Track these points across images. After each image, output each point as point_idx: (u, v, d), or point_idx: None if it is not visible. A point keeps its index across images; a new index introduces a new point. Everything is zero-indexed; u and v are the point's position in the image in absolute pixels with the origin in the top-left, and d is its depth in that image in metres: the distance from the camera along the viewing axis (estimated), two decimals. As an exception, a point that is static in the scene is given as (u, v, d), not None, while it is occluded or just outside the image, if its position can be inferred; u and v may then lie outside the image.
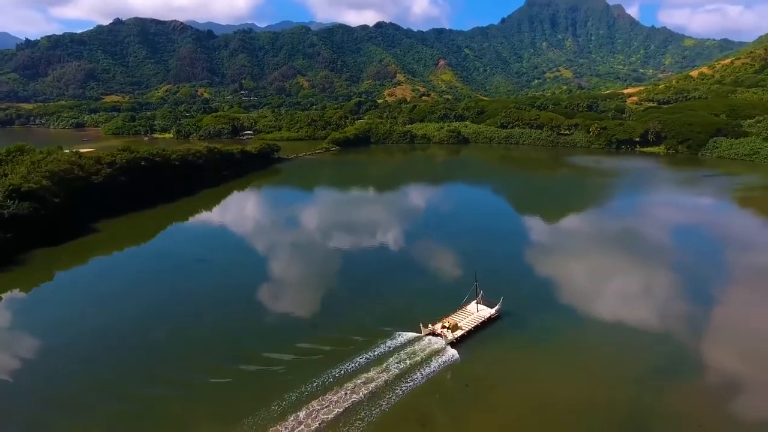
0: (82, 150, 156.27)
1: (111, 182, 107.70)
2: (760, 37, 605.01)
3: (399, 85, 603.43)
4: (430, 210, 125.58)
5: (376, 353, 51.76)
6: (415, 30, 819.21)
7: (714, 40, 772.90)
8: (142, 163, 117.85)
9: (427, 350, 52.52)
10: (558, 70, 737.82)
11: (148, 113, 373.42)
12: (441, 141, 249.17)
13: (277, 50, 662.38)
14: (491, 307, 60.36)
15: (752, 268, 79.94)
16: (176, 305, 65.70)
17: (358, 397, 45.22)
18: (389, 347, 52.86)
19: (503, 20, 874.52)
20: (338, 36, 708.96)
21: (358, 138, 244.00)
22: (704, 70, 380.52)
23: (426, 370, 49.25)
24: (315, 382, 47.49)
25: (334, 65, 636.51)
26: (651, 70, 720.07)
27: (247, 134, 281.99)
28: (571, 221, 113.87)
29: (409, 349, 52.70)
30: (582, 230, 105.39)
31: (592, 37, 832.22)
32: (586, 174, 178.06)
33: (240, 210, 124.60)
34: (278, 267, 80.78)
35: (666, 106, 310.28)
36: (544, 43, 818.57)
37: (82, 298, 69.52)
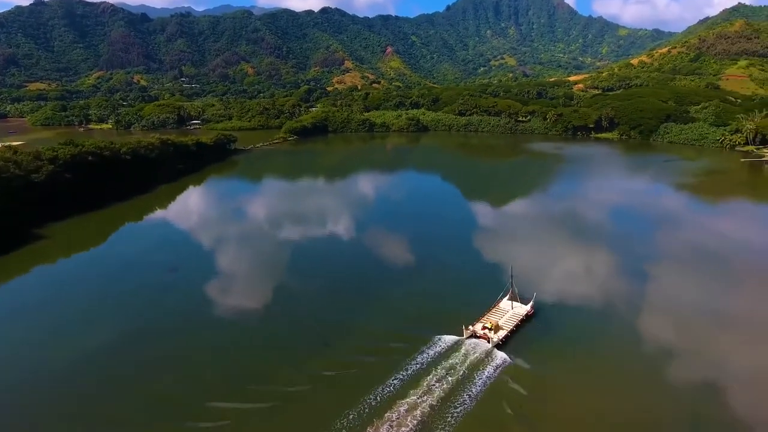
0: (11, 143, 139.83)
1: (55, 181, 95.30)
2: (689, 28, 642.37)
3: (348, 72, 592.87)
4: (394, 200, 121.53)
5: (420, 362, 46.91)
6: (361, 16, 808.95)
7: (646, 30, 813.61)
8: (89, 158, 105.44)
9: (475, 355, 48.57)
10: (502, 58, 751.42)
11: (81, 102, 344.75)
12: (400, 129, 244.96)
13: (218, 35, 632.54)
14: (524, 304, 57.13)
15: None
16: (158, 332, 55.29)
17: (421, 412, 40.12)
18: (434, 354, 48.35)
19: (448, 8, 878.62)
20: (283, 21, 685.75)
21: (316, 127, 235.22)
22: (644, 58, 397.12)
23: (483, 377, 45.03)
24: (368, 399, 41.66)
25: (280, 52, 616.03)
26: (589, 59, 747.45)
27: (194, 124, 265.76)
28: (536, 206, 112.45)
29: (455, 354, 48.57)
30: (559, 218, 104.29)
31: (534, 26, 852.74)
32: (547, 160, 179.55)
33: (204, 207, 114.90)
34: (259, 272, 73.54)
35: (611, 93, 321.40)
36: (488, 31, 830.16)
37: (28, 326, 56.46)
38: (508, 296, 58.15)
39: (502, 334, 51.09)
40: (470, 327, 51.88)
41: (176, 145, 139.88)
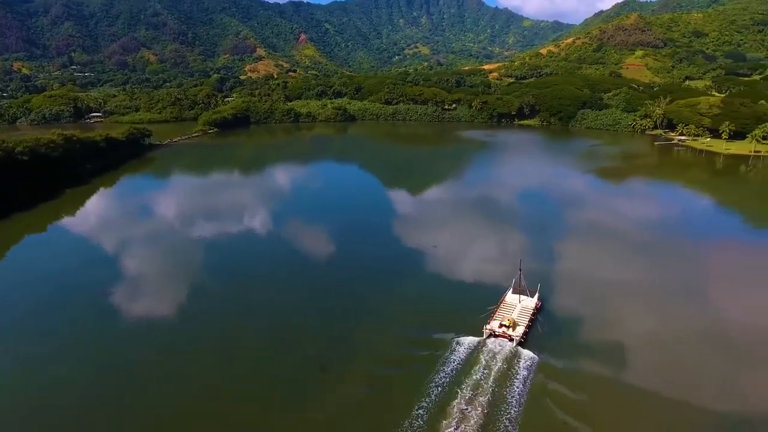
0: None
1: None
2: (585, 20, 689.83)
3: (260, 60, 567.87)
4: (329, 194, 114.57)
5: (450, 371, 43.66)
6: (272, 2, 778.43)
7: (547, 21, 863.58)
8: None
9: (501, 355, 46.22)
10: (416, 47, 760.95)
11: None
12: (327, 119, 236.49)
13: (112, 19, 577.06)
14: (529, 296, 55.53)
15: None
16: (116, 376, 44.85)
17: (475, 423, 37.55)
18: (460, 359, 45.44)
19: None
20: (186, 5, 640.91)
21: (237, 118, 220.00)
22: (551, 48, 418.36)
23: (519, 379, 42.73)
24: (415, 413, 38.38)
25: (185, 38, 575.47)
26: (497, 48, 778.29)
27: (95, 117, 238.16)
28: (465, 191, 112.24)
29: (481, 356, 46.01)
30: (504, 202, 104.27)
31: (445, 16, 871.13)
32: (478, 147, 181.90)
33: (120, 213, 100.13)
34: (213, 288, 64.22)
35: (525, 81, 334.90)
36: (401, 20, 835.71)
37: None
38: (512, 289, 56.40)
39: (520, 330, 49.33)
40: (486, 326, 49.70)
41: (83, 142, 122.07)
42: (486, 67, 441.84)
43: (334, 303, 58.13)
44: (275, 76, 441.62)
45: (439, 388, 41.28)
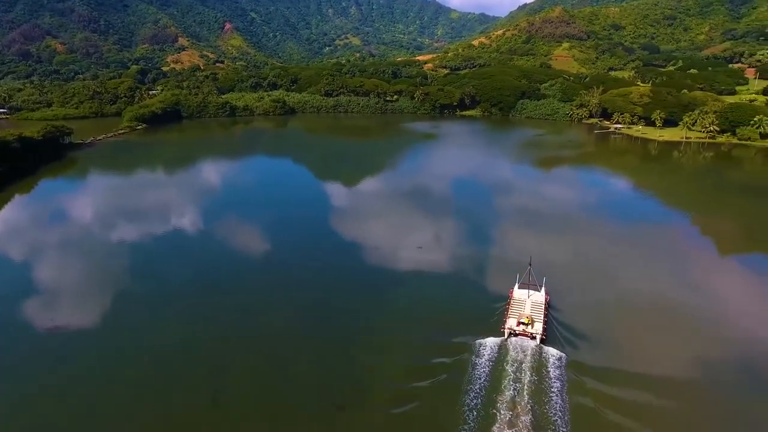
0: None
1: None
2: (510, 13, 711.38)
3: (184, 50, 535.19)
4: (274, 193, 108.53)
5: (480, 375, 42.14)
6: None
7: (474, 13, 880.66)
8: None
9: (528, 355, 45.17)
10: (347, 38, 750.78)
11: None
12: (266, 112, 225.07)
13: (10, 4, 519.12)
14: (536, 290, 54.87)
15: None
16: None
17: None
18: (487, 362, 43.94)
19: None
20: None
21: (167, 113, 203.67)
22: (483, 39, 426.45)
23: (554, 379, 41.72)
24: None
25: (97, 25, 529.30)
26: (427, 40, 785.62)
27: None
28: (410, 181, 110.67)
29: (507, 357, 44.76)
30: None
31: (374, 6, 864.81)
32: (421, 138, 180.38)
33: (46, 222, 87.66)
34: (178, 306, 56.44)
35: (460, 72, 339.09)
36: (330, 10, 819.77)
37: None
38: (518, 284, 55.71)
39: (539, 327, 48.54)
40: (505, 325, 48.72)
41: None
42: (420, 58, 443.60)
43: (319, 318, 52.76)
44: (201, 68, 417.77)
45: (479, 398, 39.36)
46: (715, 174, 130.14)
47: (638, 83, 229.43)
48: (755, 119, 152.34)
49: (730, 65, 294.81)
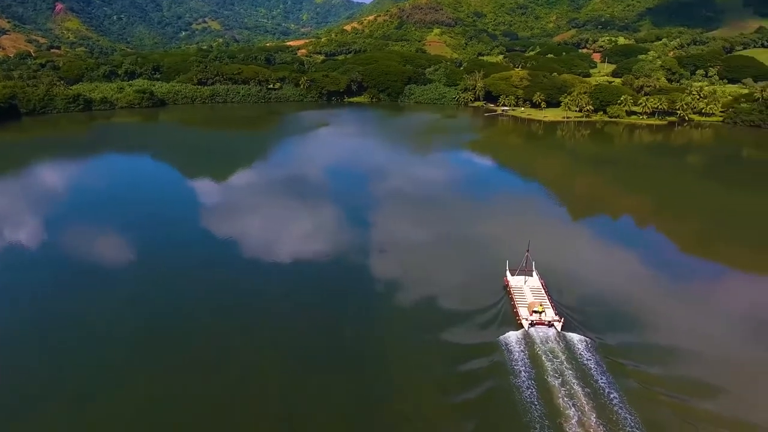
0: None
1: None
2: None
3: (5, 34, 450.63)
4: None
5: (522, 373, 40.23)
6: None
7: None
8: None
9: (554, 343, 44.11)
10: (205, 21, 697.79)
11: None
12: (130, 105, 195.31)
13: None
14: (528, 275, 54.25)
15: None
16: None
17: (595, 422, 34.69)
18: (520, 358, 42.15)
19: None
20: None
21: (1, 109, 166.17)
22: (355, 25, 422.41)
23: (592, 365, 40.83)
24: None
25: None
26: (293, 25, 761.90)
27: None
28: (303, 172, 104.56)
29: (538, 351, 43.07)
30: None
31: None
32: (312, 128, 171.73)
33: None
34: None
35: (338, 57, 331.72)
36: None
37: None
38: (509, 272, 54.56)
39: (550, 313, 47.53)
40: (521, 317, 47.36)
41: None
42: (292, 43, 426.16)
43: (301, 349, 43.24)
44: (33, 54, 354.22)
45: (535, 400, 37.12)
46: (585, 148, 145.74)
47: (513, 68, 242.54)
48: (621, 98, 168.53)
49: (580, 50, 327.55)
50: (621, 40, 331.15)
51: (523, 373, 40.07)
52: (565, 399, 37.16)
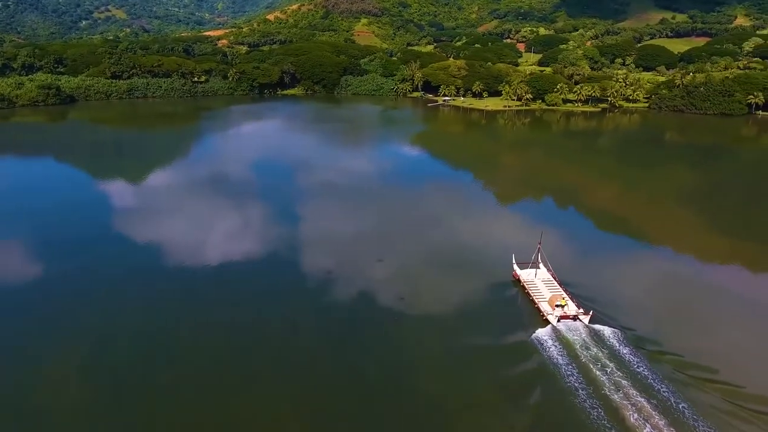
0: None
1: None
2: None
3: None
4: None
5: (572, 373, 38.57)
6: None
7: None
8: None
9: (586, 337, 42.74)
10: (108, 10, 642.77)
11: None
12: (33, 102, 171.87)
13: None
14: (534, 267, 52.98)
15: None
16: None
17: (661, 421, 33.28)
18: (561, 357, 40.37)
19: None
20: None
21: None
22: (278, 14, 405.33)
23: (634, 361, 39.61)
24: None
25: None
26: (208, 14, 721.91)
27: None
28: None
29: (574, 347, 41.43)
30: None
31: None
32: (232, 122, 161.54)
33: None
34: None
35: (263, 48, 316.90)
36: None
37: None
38: (516, 265, 53.45)
39: (573, 306, 46.16)
40: (547, 313, 45.83)
41: None
42: (211, 33, 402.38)
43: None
44: None
45: (592, 401, 35.75)
46: (528, 135, 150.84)
47: (447, 58, 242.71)
48: (558, 87, 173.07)
49: (504, 40, 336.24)
50: (542, 31, 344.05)
51: (567, 372, 38.80)
52: (617, 393, 36.43)
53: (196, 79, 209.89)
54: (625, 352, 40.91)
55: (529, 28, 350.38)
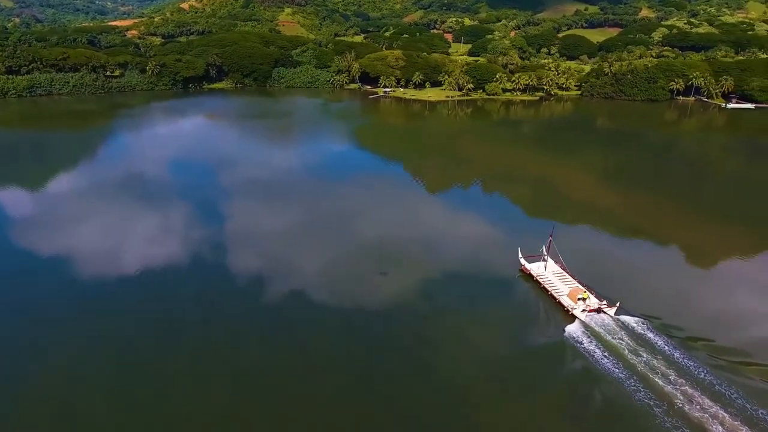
0: None
1: None
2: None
3: None
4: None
5: (613, 369, 38.71)
6: None
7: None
8: None
9: (616, 329, 42.65)
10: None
11: None
12: None
13: None
14: (543, 260, 52.98)
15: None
16: None
17: (716, 412, 33.77)
18: (598, 351, 40.42)
19: None
20: None
21: None
22: (193, 3, 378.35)
23: (673, 352, 39.80)
24: None
25: None
26: (110, 3, 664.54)
27: None
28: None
29: (611, 341, 41.22)
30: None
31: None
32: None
33: None
34: None
35: (180, 38, 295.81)
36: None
37: None
38: (523, 259, 52.91)
39: (594, 299, 45.95)
40: (572, 308, 45.50)
41: None
42: (118, 23, 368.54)
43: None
44: None
45: (645, 393, 36.07)
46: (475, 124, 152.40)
47: (380, 48, 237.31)
48: (497, 76, 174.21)
49: (431, 31, 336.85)
50: (467, 21, 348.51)
51: (610, 366, 38.96)
52: (668, 384, 36.84)
53: (109, 73, 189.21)
54: (656, 341, 41.44)
55: (454, 19, 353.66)
